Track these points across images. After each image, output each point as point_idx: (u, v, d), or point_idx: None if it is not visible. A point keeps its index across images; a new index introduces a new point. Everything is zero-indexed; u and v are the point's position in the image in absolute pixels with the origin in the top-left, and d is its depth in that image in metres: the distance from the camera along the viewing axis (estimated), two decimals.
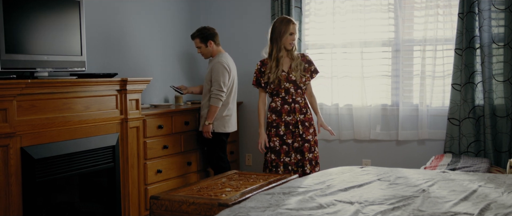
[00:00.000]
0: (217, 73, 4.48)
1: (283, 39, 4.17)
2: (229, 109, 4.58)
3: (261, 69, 4.28)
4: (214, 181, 3.48)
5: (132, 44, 4.70)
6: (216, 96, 4.43)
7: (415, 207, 2.54)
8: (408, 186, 3.00)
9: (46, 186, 3.49)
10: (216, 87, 4.44)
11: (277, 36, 4.19)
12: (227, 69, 4.51)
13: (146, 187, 4.17)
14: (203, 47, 4.64)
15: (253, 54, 5.22)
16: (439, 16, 4.75)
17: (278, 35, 4.18)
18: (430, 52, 4.76)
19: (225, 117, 4.55)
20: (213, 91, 4.45)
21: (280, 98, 4.23)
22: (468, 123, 4.53)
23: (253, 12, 5.40)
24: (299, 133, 4.22)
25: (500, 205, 2.56)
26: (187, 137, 4.62)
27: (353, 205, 2.61)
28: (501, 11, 4.43)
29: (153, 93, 4.90)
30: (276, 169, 4.20)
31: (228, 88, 4.53)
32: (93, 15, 4.19)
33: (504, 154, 4.48)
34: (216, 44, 4.66)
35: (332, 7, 5.06)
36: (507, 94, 4.44)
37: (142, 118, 4.09)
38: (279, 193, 2.86)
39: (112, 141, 3.82)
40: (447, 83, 4.71)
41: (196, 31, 4.67)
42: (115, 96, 3.85)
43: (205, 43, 4.62)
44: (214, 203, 2.90)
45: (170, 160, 4.43)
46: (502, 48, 4.45)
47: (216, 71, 4.49)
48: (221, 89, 4.44)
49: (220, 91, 4.44)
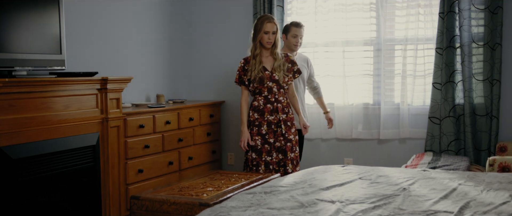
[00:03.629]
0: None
1: (259, 36, 4.17)
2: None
3: (244, 67, 4.27)
4: (196, 181, 3.47)
5: (113, 43, 4.66)
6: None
7: (396, 206, 2.55)
8: (389, 184, 3.02)
9: (25, 186, 3.43)
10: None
11: (255, 34, 4.20)
12: None
13: (127, 187, 4.13)
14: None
15: (235, 53, 5.21)
16: (420, 16, 4.78)
17: (255, 33, 4.19)
18: (411, 51, 4.80)
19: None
20: (318, 83, 4.76)
21: (263, 97, 4.22)
22: (448, 122, 4.57)
23: (236, 11, 5.38)
24: (281, 132, 4.21)
25: (479, 203, 2.58)
26: (169, 136, 4.60)
27: (334, 204, 2.62)
28: (481, 11, 4.48)
29: (134, 92, 4.86)
30: (256, 168, 4.19)
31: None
32: (73, 13, 4.14)
33: (483, 153, 4.52)
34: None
35: (314, 6, 5.07)
36: (486, 93, 4.49)
37: (123, 118, 4.05)
38: (261, 192, 2.85)
39: (92, 140, 3.78)
40: (428, 82, 4.74)
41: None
42: (95, 95, 3.81)
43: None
44: (195, 203, 2.88)
45: (152, 160, 4.40)
46: (482, 48, 4.49)
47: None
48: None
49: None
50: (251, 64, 4.19)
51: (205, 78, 5.55)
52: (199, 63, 5.56)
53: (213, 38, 5.49)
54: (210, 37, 5.51)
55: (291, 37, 4.50)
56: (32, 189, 3.40)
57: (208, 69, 5.53)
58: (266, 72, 4.18)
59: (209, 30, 5.50)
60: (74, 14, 4.16)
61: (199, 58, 5.56)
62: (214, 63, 5.50)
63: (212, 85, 5.53)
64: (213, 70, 5.51)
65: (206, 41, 5.53)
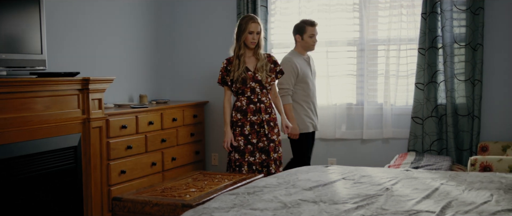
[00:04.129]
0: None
1: (243, 37, 4.15)
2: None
3: (227, 67, 4.24)
4: (179, 182, 3.44)
5: (96, 43, 4.61)
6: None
7: (379, 206, 2.56)
8: (372, 184, 3.02)
9: (5, 188, 3.38)
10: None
11: (239, 34, 4.18)
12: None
13: (109, 188, 4.09)
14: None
15: (219, 53, 5.19)
16: (403, 16, 4.81)
17: (239, 33, 4.17)
18: (394, 52, 4.82)
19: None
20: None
21: (246, 97, 4.20)
22: (431, 122, 4.60)
23: (219, 11, 5.37)
24: (264, 133, 4.20)
25: (461, 202, 2.60)
26: (152, 137, 4.56)
27: (317, 204, 2.62)
28: (463, 12, 4.52)
29: (117, 93, 4.83)
30: (239, 169, 4.17)
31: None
32: (54, 13, 4.09)
33: (465, 152, 4.56)
34: None
35: (298, 7, 5.07)
36: (468, 93, 4.53)
37: (105, 118, 4.02)
38: (244, 193, 2.84)
39: (74, 141, 3.74)
40: (410, 82, 4.77)
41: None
42: (76, 96, 3.77)
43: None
44: (177, 204, 2.86)
45: (134, 161, 4.36)
46: (464, 48, 4.53)
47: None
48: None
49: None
50: (234, 64, 4.17)
51: (188, 78, 5.52)
52: (183, 63, 5.53)
53: (196, 38, 5.47)
54: (193, 37, 5.48)
55: (308, 37, 4.39)
56: (12, 191, 3.35)
57: (191, 69, 5.50)
58: (249, 73, 4.16)
59: (193, 30, 5.48)
60: (55, 14, 4.11)
61: (183, 58, 5.53)
62: (197, 63, 5.47)
63: (196, 85, 5.51)
64: (196, 70, 5.48)
65: (190, 41, 5.50)
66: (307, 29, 4.38)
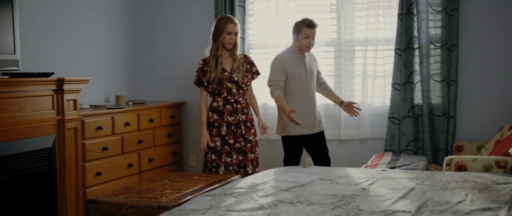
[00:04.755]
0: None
1: (221, 37, 4.13)
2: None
3: (203, 68, 4.22)
4: (155, 183, 3.41)
5: (71, 43, 4.55)
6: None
7: (355, 206, 2.57)
8: (349, 185, 3.03)
9: None
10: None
11: (216, 35, 4.15)
12: None
13: (85, 190, 4.04)
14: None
15: (197, 53, 5.16)
16: (380, 17, 4.84)
17: (216, 34, 4.15)
18: (371, 52, 4.84)
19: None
20: (323, 77, 4.56)
21: (222, 98, 4.19)
22: (407, 122, 4.63)
23: (196, 11, 5.33)
24: (241, 133, 4.20)
25: (436, 202, 2.62)
26: (128, 138, 4.51)
27: (294, 205, 2.61)
28: (438, 13, 4.56)
29: (93, 93, 4.77)
30: (216, 170, 4.16)
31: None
32: (27, 12, 4.02)
33: (441, 152, 4.61)
34: None
35: (276, 7, 5.07)
36: (444, 93, 4.57)
37: (80, 119, 3.96)
38: (221, 194, 2.83)
39: (48, 143, 3.68)
40: (387, 83, 4.80)
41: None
42: (51, 97, 3.71)
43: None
44: (153, 206, 2.83)
45: (111, 162, 4.31)
46: (439, 49, 4.58)
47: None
48: None
49: None
50: (211, 65, 4.16)
51: (166, 78, 5.48)
52: (160, 64, 5.49)
53: (174, 38, 5.43)
54: (171, 37, 5.44)
55: (303, 38, 4.17)
56: None
57: (169, 69, 5.46)
58: (225, 73, 4.16)
59: (170, 30, 5.44)
60: (29, 13, 4.04)
61: (160, 58, 5.49)
62: (175, 64, 5.43)
63: (173, 86, 5.46)
64: (174, 70, 5.44)
65: (167, 41, 5.46)
66: (303, 29, 4.17)
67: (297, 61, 4.26)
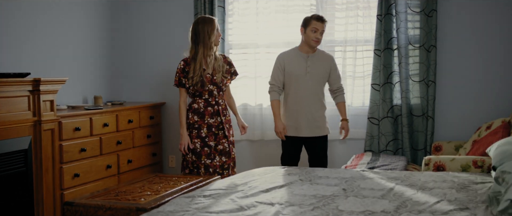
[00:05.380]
0: (338, 68, 4.31)
1: (213, 38, 4.12)
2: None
3: (184, 68, 4.19)
4: (134, 185, 3.38)
5: (47, 43, 4.48)
6: (344, 91, 4.33)
7: (335, 207, 2.57)
8: (329, 185, 3.04)
9: None
10: (341, 82, 4.32)
11: (203, 38, 4.11)
12: None
13: (62, 192, 3.98)
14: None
15: (176, 53, 5.14)
16: (359, 18, 4.85)
17: (205, 36, 4.10)
18: (351, 53, 4.86)
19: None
20: (341, 86, 4.31)
21: (203, 99, 4.17)
22: (386, 122, 4.66)
23: (176, 11, 5.29)
24: (224, 134, 4.19)
25: (415, 202, 2.63)
26: (107, 139, 4.46)
27: (273, 206, 2.61)
28: (417, 14, 4.59)
29: (70, 94, 4.70)
30: (197, 171, 4.14)
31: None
32: (2, 11, 3.95)
33: (420, 152, 4.64)
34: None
35: (255, 7, 5.05)
36: (422, 94, 4.60)
37: (57, 120, 3.90)
38: (200, 196, 2.81)
39: (24, 144, 3.62)
40: (367, 83, 4.82)
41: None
42: (27, 97, 3.64)
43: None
44: (132, 208, 2.80)
45: (89, 164, 4.25)
46: (418, 49, 4.61)
47: (337, 66, 4.30)
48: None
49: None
50: (194, 68, 4.12)
51: (145, 79, 5.43)
52: (139, 64, 5.43)
53: (153, 38, 5.38)
54: (150, 37, 5.39)
55: (310, 31, 4.09)
56: None
57: (148, 69, 5.41)
58: (208, 75, 4.14)
59: (149, 30, 5.39)
60: (4, 12, 3.97)
61: (139, 58, 5.43)
62: (154, 64, 5.39)
63: (153, 86, 5.42)
64: (153, 70, 5.40)
65: (146, 41, 5.41)
66: (311, 22, 4.09)
67: (297, 60, 4.20)
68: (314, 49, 4.22)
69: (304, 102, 4.17)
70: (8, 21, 4.04)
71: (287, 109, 4.22)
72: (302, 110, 4.16)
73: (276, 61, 4.25)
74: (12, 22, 4.10)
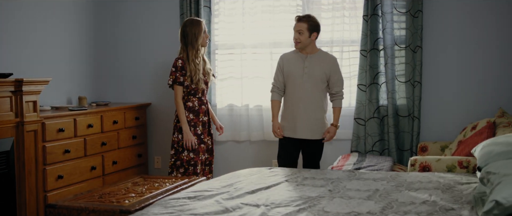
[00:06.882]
0: (340, 72, 4.23)
1: (200, 40, 4.22)
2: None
3: (183, 67, 4.22)
4: (118, 187, 3.34)
5: (30, 43, 4.42)
6: (343, 96, 4.24)
7: (321, 208, 2.56)
8: (315, 186, 3.02)
9: None
10: (342, 87, 4.22)
11: (191, 39, 4.20)
12: None
13: (46, 194, 3.93)
14: (306, 35, 4.08)
15: (162, 54, 5.10)
16: (345, 18, 4.85)
17: (192, 38, 4.19)
18: (337, 53, 4.84)
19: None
20: (340, 91, 4.20)
21: (197, 98, 4.30)
22: (373, 123, 4.66)
23: (161, 11, 5.25)
24: (208, 132, 4.39)
25: (401, 203, 2.63)
26: (91, 140, 4.41)
27: (259, 207, 2.59)
28: (402, 14, 4.60)
29: (54, 94, 4.64)
30: (194, 168, 4.21)
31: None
32: None
33: (406, 153, 4.65)
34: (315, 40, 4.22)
35: (241, 8, 5.03)
36: (408, 94, 4.61)
37: (40, 121, 3.85)
38: (185, 197, 2.78)
39: (6, 146, 3.57)
40: (353, 84, 4.82)
41: (306, 16, 4.15)
42: (9, 98, 3.59)
43: (310, 33, 4.09)
44: (115, 210, 2.76)
45: (73, 165, 4.20)
46: (404, 50, 4.62)
47: (339, 70, 4.22)
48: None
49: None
50: (190, 69, 4.16)
51: (130, 79, 5.38)
52: (124, 64, 5.39)
53: (138, 38, 5.34)
54: (135, 37, 5.35)
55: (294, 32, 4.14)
56: None
57: (133, 70, 5.36)
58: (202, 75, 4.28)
59: (135, 31, 5.34)
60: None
61: (124, 59, 5.38)
62: (140, 64, 5.34)
63: (138, 87, 5.37)
64: (139, 71, 5.35)
65: (131, 41, 5.36)
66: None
67: (296, 61, 4.16)
68: (313, 50, 4.19)
69: (300, 104, 4.12)
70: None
71: (285, 110, 4.22)
72: (298, 112, 4.12)
73: (278, 62, 4.26)
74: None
